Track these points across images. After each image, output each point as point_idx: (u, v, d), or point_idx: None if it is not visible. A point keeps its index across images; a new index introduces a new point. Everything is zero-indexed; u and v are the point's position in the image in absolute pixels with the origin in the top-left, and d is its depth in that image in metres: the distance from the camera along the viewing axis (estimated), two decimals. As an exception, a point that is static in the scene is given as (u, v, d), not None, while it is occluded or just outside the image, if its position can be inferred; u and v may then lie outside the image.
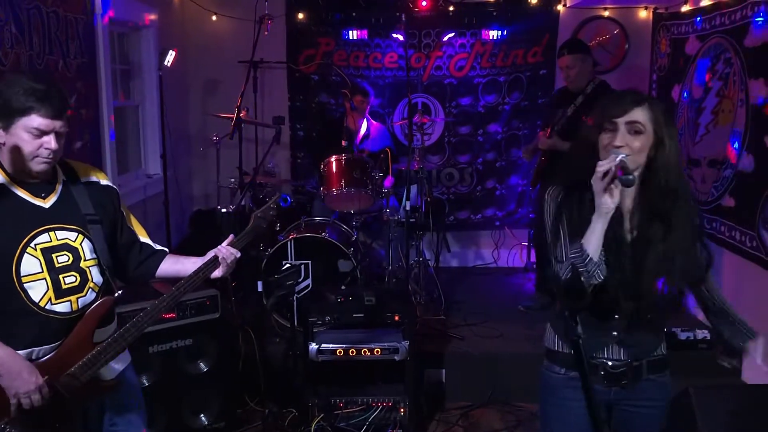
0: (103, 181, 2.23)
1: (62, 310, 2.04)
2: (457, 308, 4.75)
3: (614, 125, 1.87)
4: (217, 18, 5.50)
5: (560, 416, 2.12)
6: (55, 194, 2.08)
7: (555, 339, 2.12)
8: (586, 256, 1.83)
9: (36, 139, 1.93)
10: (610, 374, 2.02)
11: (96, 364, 2.05)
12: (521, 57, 5.64)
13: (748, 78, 3.86)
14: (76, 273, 2.07)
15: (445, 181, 5.83)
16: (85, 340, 2.07)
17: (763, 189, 3.68)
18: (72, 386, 2.03)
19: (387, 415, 3.50)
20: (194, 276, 2.21)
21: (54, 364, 2.02)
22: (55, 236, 2.04)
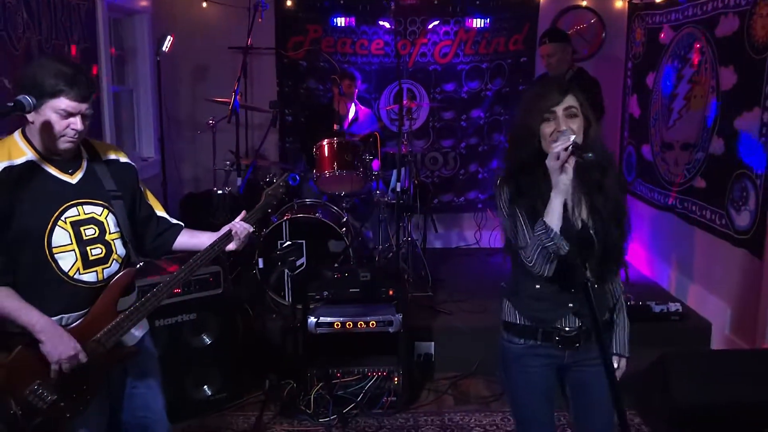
0: (122, 158, 2.36)
1: (89, 280, 2.18)
2: (443, 286, 4.96)
3: (553, 113, 2.07)
4: (207, 5, 5.60)
5: (524, 382, 2.29)
6: (81, 171, 2.21)
7: (515, 313, 2.27)
8: (551, 230, 2.01)
9: (63, 119, 2.06)
10: (564, 339, 2.20)
11: (120, 331, 2.20)
12: (503, 45, 5.84)
13: (719, 66, 4.11)
14: (102, 245, 2.21)
15: (430, 165, 6.03)
16: (109, 308, 2.22)
17: (731, 171, 3.94)
18: (98, 351, 2.17)
19: (382, 384, 3.70)
20: (210, 249, 2.35)
21: (81, 331, 2.15)
22: (83, 210, 2.18)
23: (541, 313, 2.23)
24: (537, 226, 2.05)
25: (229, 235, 2.39)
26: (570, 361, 2.26)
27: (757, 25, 3.71)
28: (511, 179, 2.16)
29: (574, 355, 2.25)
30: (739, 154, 3.87)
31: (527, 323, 2.25)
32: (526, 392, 2.32)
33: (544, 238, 2.03)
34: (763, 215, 3.67)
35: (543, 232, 2.03)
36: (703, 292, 4.39)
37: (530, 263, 2.09)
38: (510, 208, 2.15)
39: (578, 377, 2.30)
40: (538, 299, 2.22)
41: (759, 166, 3.70)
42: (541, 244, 2.04)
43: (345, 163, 4.57)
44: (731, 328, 4.05)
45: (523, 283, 2.25)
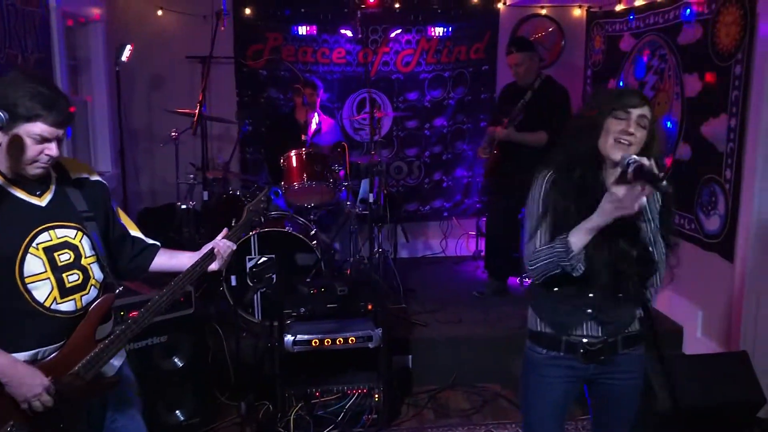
0: (92, 176, 2.20)
1: (67, 309, 2.03)
2: (415, 296, 4.89)
3: (628, 114, 2.01)
4: (163, 13, 5.41)
5: (540, 391, 2.26)
6: (50, 192, 2.05)
7: (537, 321, 2.24)
8: (570, 252, 1.98)
9: (37, 144, 1.90)
10: (588, 351, 2.15)
11: (99, 362, 2.05)
12: (464, 53, 5.84)
13: (683, 73, 4.18)
14: (79, 271, 2.06)
15: (394, 175, 5.97)
16: (88, 338, 2.07)
17: (699, 175, 4.01)
18: (76, 385, 2.02)
19: (362, 402, 3.60)
20: (191, 270, 2.22)
21: (58, 364, 2.01)
22: (55, 234, 2.02)
23: (558, 317, 2.19)
24: (557, 242, 2.01)
25: (212, 255, 2.25)
26: (596, 372, 2.21)
27: (721, 33, 3.79)
28: (558, 173, 2.09)
29: (599, 367, 2.20)
30: (707, 160, 3.94)
31: (549, 331, 2.21)
32: (538, 398, 2.28)
33: (562, 256, 2.00)
34: (733, 219, 3.74)
35: (562, 251, 1.99)
36: (672, 296, 4.44)
37: (531, 268, 2.07)
38: (543, 203, 2.10)
39: (603, 391, 2.26)
40: (555, 302, 2.18)
41: (728, 170, 3.77)
42: (554, 260, 2.01)
43: (314, 174, 4.47)
44: (703, 331, 4.11)
45: (542, 286, 2.18)
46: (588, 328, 2.16)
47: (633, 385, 2.25)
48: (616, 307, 2.16)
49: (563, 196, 2.07)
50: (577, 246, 1.99)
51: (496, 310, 4.64)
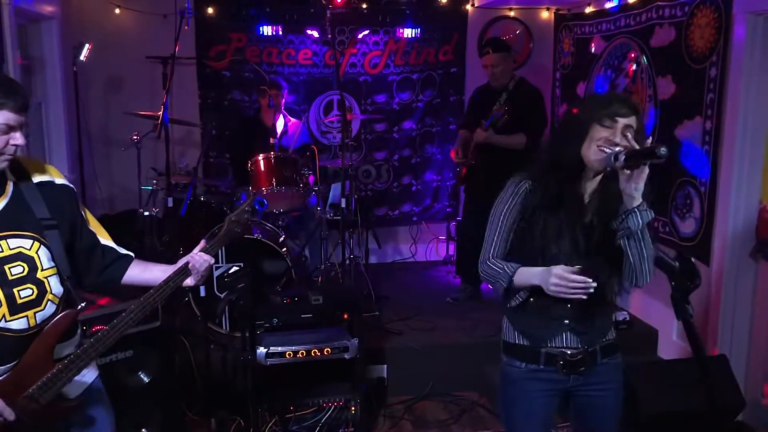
0: (58, 179, 2.01)
1: (18, 327, 1.86)
2: (387, 304, 4.78)
3: (614, 123, 1.94)
4: (120, 11, 5.19)
5: (522, 408, 2.18)
6: (5, 197, 1.87)
7: (514, 333, 2.18)
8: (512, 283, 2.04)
9: (3, 135, 1.77)
10: (568, 362, 2.10)
11: (56, 384, 1.86)
12: (433, 55, 5.76)
13: (656, 76, 4.17)
14: (33, 285, 1.88)
15: (363, 179, 5.85)
16: (43, 358, 1.88)
17: (674, 179, 4.00)
18: (30, 408, 1.83)
19: (339, 415, 3.47)
20: (164, 285, 2.04)
21: (9, 386, 1.82)
22: (7, 245, 1.85)
23: (532, 328, 2.13)
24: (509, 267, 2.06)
25: (186, 270, 2.08)
26: (575, 384, 2.15)
27: (695, 36, 3.79)
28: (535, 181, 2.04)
29: (578, 378, 2.13)
30: (682, 162, 3.93)
31: (526, 343, 2.14)
32: (522, 418, 2.20)
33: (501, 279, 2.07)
34: (709, 222, 3.73)
35: (504, 275, 2.06)
36: (647, 300, 4.43)
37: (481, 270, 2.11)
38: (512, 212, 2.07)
39: (582, 403, 2.20)
40: (530, 312, 2.13)
41: (703, 173, 3.77)
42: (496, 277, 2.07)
43: (284, 178, 4.32)
44: (678, 334, 4.10)
45: (518, 294, 2.14)
46: (566, 339, 2.12)
47: (613, 395, 2.20)
48: (593, 316, 2.11)
49: (538, 206, 2.02)
50: (518, 283, 2.05)
51: (470, 316, 4.57)
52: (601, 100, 2.03)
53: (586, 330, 2.10)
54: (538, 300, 2.09)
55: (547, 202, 2.02)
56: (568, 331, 2.10)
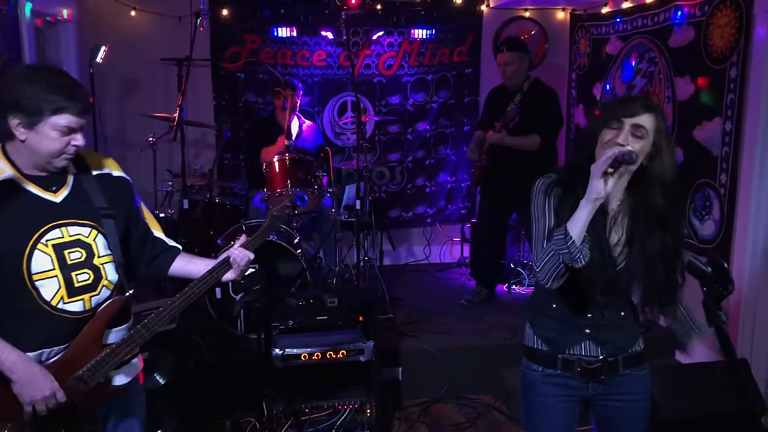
0: (115, 171, 2.12)
1: (75, 310, 1.95)
2: (401, 306, 4.76)
3: (620, 124, 1.90)
4: (136, 13, 5.21)
5: (540, 412, 2.15)
6: (66, 187, 1.98)
7: (534, 337, 2.15)
8: (569, 239, 1.84)
9: (64, 136, 1.87)
10: (586, 370, 2.05)
11: (104, 367, 1.96)
12: (447, 56, 5.74)
13: (674, 76, 4.13)
14: (90, 270, 1.98)
15: (376, 180, 5.83)
16: (93, 341, 1.97)
17: (692, 180, 3.95)
18: (79, 390, 1.93)
19: (354, 417, 3.45)
20: (206, 277, 2.11)
21: (62, 366, 1.92)
22: (67, 232, 1.95)
23: (553, 334, 2.10)
24: (557, 231, 1.88)
25: (227, 263, 2.14)
26: (596, 393, 2.11)
27: (715, 36, 3.74)
28: (556, 181, 2.00)
29: (599, 387, 2.09)
30: (701, 164, 3.88)
31: (544, 348, 2.11)
32: (539, 421, 2.17)
33: (560, 243, 1.86)
34: (729, 224, 3.68)
35: (561, 237, 1.86)
36: (664, 302, 4.38)
37: (537, 268, 1.94)
38: (542, 208, 2.00)
39: (604, 412, 2.15)
40: (552, 319, 2.09)
41: (722, 175, 3.72)
42: (554, 249, 1.87)
43: (298, 180, 4.31)
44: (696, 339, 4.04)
45: (541, 300, 2.12)
46: (586, 347, 2.07)
47: (637, 407, 2.14)
48: (618, 328, 2.06)
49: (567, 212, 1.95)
50: (575, 232, 1.84)
51: (485, 319, 4.54)
52: (611, 103, 2.02)
53: (610, 340, 2.06)
54: (561, 306, 2.06)
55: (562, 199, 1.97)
56: (588, 339, 2.06)
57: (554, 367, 2.09)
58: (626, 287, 2.01)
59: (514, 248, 5.38)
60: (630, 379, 2.10)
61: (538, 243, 1.98)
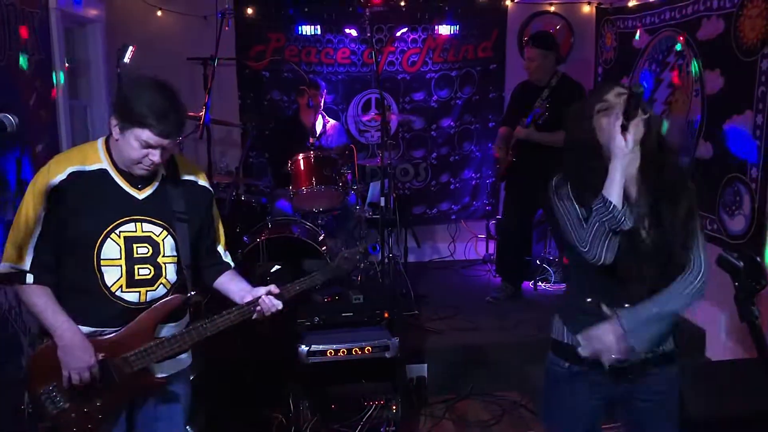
0: (201, 181, 2.25)
1: (130, 299, 2.09)
2: (426, 303, 4.76)
3: (607, 102, 1.94)
4: (162, 13, 5.27)
5: (562, 408, 2.13)
6: (151, 188, 2.12)
7: (563, 331, 2.11)
8: (609, 204, 1.85)
9: (143, 149, 1.98)
10: (615, 367, 2.00)
11: (149, 356, 2.10)
12: (472, 52, 5.71)
13: (703, 69, 4.06)
14: (152, 266, 2.10)
15: (400, 177, 5.83)
16: (145, 330, 2.10)
17: (722, 175, 3.88)
18: (123, 371, 2.08)
19: (380, 414, 3.45)
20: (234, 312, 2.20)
21: (114, 345, 2.08)
22: (141, 228, 2.09)
23: (587, 329, 2.03)
24: (595, 202, 1.88)
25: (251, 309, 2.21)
26: (624, 391, 2.07)
27: (746, 27, 3.67)
28: (569, 177, 2.00)
29: (628, 386, 2.05)
30: (731, 158, 3.82)
31: (574, 343, 2.05)
32: (561, 417, 2.15)
33: (602, 211, 1.86)
34: (760, 219, 3.61)
35: (601, 206, 1.87)
36: (693, 299, 4.32)
37: (585, 248, 1.91)
38: (567, 204, 1.99)
39: (634, 412, 2.12)
40: (586, 313, 2.04)
41: (753, 169, 3.65)
42: (597, 220, 1.87)
43: (323, 178, 4.32)
44: (727, 334, 3.99)
45: (575, 294, 2.09)
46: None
47: (666, 406, 2.10)
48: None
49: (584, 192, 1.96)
50: (613, 196, 1.86)
51: (511, 315, 4.52)
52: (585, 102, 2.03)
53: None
54: (596, 300, 2.02)
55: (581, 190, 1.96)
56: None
57: (582, 363, 2.05)
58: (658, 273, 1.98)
59: (540, 245, 5.35)
60: (660, 377, 2.06)
61: (576, 228, 1.96)
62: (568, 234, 2.00)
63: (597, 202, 1.88)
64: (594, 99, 2.01)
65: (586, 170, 1.96)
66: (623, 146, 1.85)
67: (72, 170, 2.04)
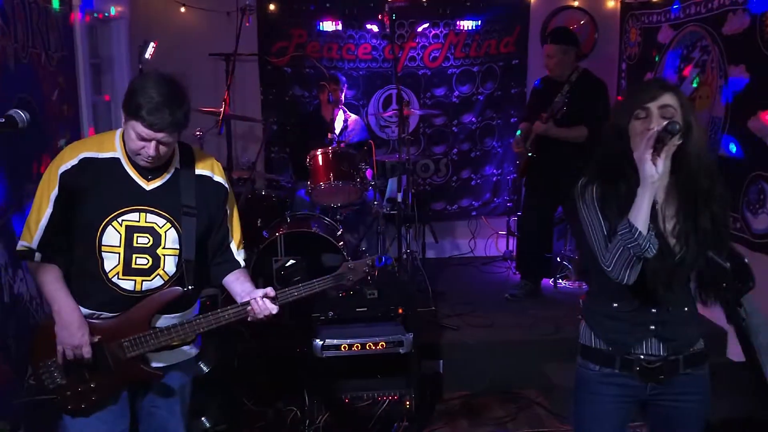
0: (216, 176, 2.24)
1: (126, 287, 2.13)
2: (444, 299, 4.75)
3: (647, 111, 1.88)
4: (186, 10, 5.32)
5: (593, 411, 2.11)
6: (160, 179, 2.14)
7: (590, 335, 2.09)
8: (635, 230, 1.82)
9: (138, 141, 2.01)
10: (645, 369, 1.99)
11: (143, 345, 2.12)
12: (494, 47, 5.67)
13: (728, 65, 3.98)
14: (150, 257, 2.13)
15: (421, 173, 5.81)
16: (141, 319, 2.14)
17: (746, 173, 3.81)
18: (117, 355, 2.13)
19: (393, 409, 3.47)
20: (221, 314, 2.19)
21: (110, 329, 2.13)
22: (144, 218, 2.12)
23: (617, 335, 2.03)
24: (620, 226, 1.85)
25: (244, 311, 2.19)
26: (653, 393, 2.04)
27: (771, 22, 3.59)
28: (595, 181, 1.96)
29: (658, 387, 2.02)
30: (755, 156, 3.74)
31: (603, 347, 2.05)
32: (592, 419, 2.12)
33: (627, 237, 1.83)
34: (784, 218, 3.54)
35: (626, 231, 1.83)
36: (715, 298, 4.25)
37: (608, 267, 1.89)
38: (592, 213, 1.95)
39: (662, 413, 2.09)
40: (614, 319, 2.02)
41: (778, 167, 3.58)
42: (622, 245, 1.84)
43: (341, 173, 4.34)
44: (749, 335, 3.91)
45: (600, 301, 2.06)
46: (648, 345, 2.00)
47: (695, 408, 2.07)
48: (682, 324, 2.00)
49: (616, 209, 1.92)
50: (639, 222, 1.82)
51: (530, 313, 4.49)
52: (629, 93, 1.97)
53: (674, 337, 1.99)
54: (623, 305, 2.01)
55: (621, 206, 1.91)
56: (653, 337, 1.99)
57: (612, 366, 2.03)
58: (687, 277, 1.96)
59: (561, 242, 5.30)
60: (690, 379, 2.03)
61: (600, 247, 1.93)
62: (591, 243, 1.97)
63: (623, 226, 1.84)
64: (634, 102, 1.92)
65: (614, 180, 1.92)
66: (653, 173, 1.81)
67: (84, 156, 2.09)
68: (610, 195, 1.94)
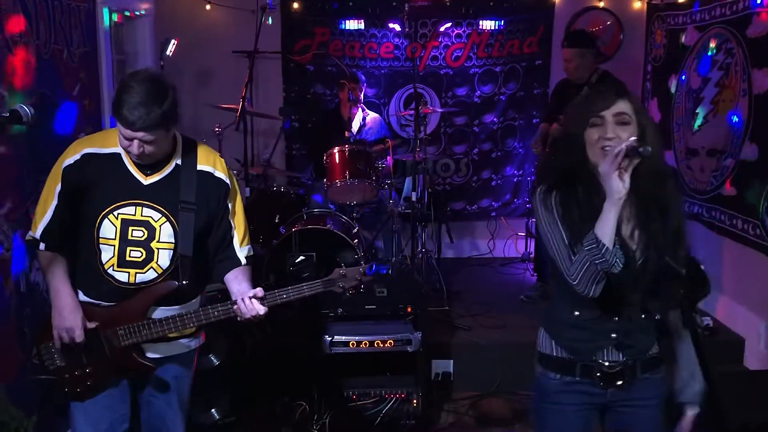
0: (218, 173, 2.25)
1: (120, 279, 2.19)
2: (459, 299, 4.75)
3: (602, 119, 1.86)
4: (210, 7, 5.41)
5: (555, 421, 2.09)
6: (159, 174, 2.18)
7: (551, 344, 2.06)
8: (602, 246, 1.79)
9: (124, 139, 2.06)
10: (606, 375, 1.98)
11: (137, 335, 2.18)
12: (517, 47, 5.64)
13: (752, 68, 3.91)
14: (144, 250, 2.18)
15: (441, 172, 5.80)
16: (137, 310, 2.20)
17: (766, 178, 3.73)
18: (112, 343, 2.20)
19: (400, 407, 3.49)
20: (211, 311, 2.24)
21: (107, 316, 2.20)
22: (140, 212, 2.17)
23: (578, 343, 2.01)
24: (586, 240, 1.82)
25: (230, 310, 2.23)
26: (613, 399, 2.03)
27: (795, 25, 3.52)
28: (553, 189, 1.95)
29: (617, 393, 2.01)
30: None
31: (563, 355, 2.03)
32: (553, 430, 2.11)
33: (595, 253, 1.80)
34: (803, 226, 3.47)
35: (594, 247, 1.80)
36: (733, 305, 4.18)
37: (574, 281, 1.86)
38: (551, 221, 1.92)
39: (620, 419, 2.07)
40: (575, 327, 2.01)
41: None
42: (589, 260, 1.82)
43: (357, 171, 4.37)
44: (767, 343, 3.84)
45: (561, 309, 2.03)
46: (608, 352, 1.99)
47: (651, 412, 2.05)
48: (641, 331, 1.99)
49: (569, 210, 1.90)
50: (606, 238, 1.80)
51: (544, 315, 4.45)
52: (583, 100, 1.96)
53: (633, 344, 1.99)
54: (585, 314, 1.98)
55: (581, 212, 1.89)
56: (613, 345, 1.98)
57: (573, 374, 2.02)
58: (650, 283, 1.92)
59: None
60: (647, 383, 2.02)
61: (563, 256, 1.90)
62: (552, 252, 1.94)
63: (589, 240, 1.82)
64: (589, 110, 1.90)
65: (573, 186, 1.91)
66: (620, 189, 1.78)
67: (86, 152, 2.16)
68: (571, 202, 1.91)
